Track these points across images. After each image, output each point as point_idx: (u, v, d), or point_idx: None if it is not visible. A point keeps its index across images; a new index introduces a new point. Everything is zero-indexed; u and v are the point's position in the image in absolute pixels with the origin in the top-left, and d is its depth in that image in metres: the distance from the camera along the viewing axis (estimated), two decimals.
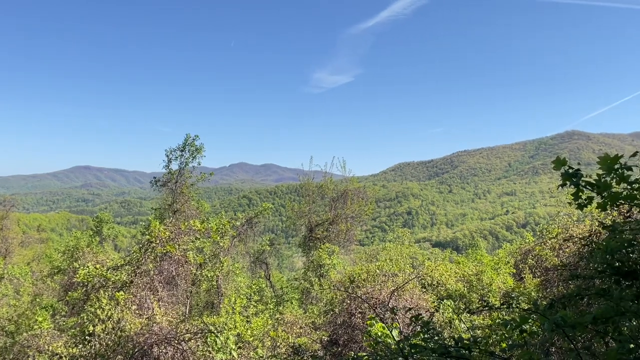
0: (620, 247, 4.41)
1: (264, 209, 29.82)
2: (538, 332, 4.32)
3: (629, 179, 4.44)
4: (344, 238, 34.24)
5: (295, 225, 36.50)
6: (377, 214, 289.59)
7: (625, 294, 4.14)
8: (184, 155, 28.08)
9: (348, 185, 35.68)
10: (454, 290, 20.15)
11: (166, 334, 13.36)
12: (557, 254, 15.57)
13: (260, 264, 33.57)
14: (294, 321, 17.11)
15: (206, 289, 24.99)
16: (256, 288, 27.28)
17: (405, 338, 4.35)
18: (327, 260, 27.49)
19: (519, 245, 27.39)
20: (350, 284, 17.53)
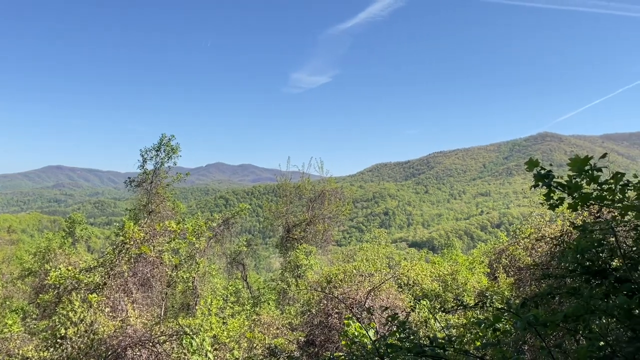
0: (590, 247, 4.51)
1: (241, 210, 29.63)
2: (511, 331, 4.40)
3: (598, 179, 4.54)
4: (321, 238, 34.28)
5: (273, 226, 36.41)
6: (354, 215, 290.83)
7: (594, 292, 4.24)
8: (159, 155, 27.73)
9: (325, 185, 35.74)
10: (430, 290, 20.36)
11: (140, 336, 13.15)
12: (529, 254, 15.88)
13: (237, 264, 33.36)
14: (271, 322, 17.05)
15: (182, 291, 24.73)
16: (233, 289, 27.10)
17: (382, 338, 4.37)
18: (305, 261, 27.47)
19: (493, 245, 27.82)
20: (327, 285, 17.55)
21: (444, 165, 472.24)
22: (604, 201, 4.61)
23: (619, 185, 4.57)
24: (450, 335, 13.15)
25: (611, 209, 4.86)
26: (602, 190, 4.58)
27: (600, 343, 4.02)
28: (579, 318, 4.03)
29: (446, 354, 4.06)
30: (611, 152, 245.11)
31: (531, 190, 5.05)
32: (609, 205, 4.69)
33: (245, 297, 29.50)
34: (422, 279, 21.09)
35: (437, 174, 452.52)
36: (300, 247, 29.00)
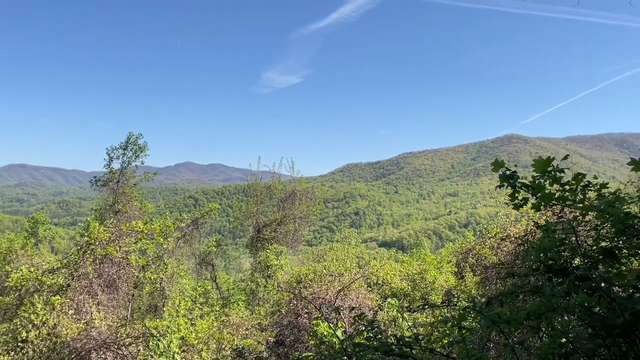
0: (552, 246, 4.62)
1: (211, 210, 29.32)
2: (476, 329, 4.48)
3: (561, 180, 4.65)
4: (291, 238, 34.25)
5: (243, 226, 36.19)
6: (325, 215, 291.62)
7: (556, 290, 4.35)
8: (126, 154, 27.23)
9: (296, 185, 35.73)
10: (399, 289, 20.58)
11: (105, 338, 12.88)
12: (495, 253, 16.23)
13: (206, 265, 33.02)
14: (240, 323, 16.93)
15: (149, 292, 24.35)
16: (202, 290, 26.82)
17: (349, 337, 4.39)
18: (275, 261, 27.39)
19: (461, 244, 28.30)
20: (297, 285, 17.53)
21: (413, 166, 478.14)
22: (566, 201, 4.72)
23: (580, 186, 4.70)
24: (418, 333, 13.32)
25: (573, 209, 5.00)
26: (564, 191, 4.70)
27: (562, 340, 4.13)
28: (541, 316, 4.12)
29: (413, 352, 4.10)
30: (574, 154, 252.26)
31: (497, 190, 5.15)
32: (570, 206, 4.82)
33: (215, 298, 29.23)
34: (391, 279, 21.29)
35: (407, 175, 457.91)
36: (271, 247, 28.90)
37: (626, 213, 4.34)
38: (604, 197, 4.75)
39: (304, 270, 18.71)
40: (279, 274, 25.42)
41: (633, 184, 5.16)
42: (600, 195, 4.78)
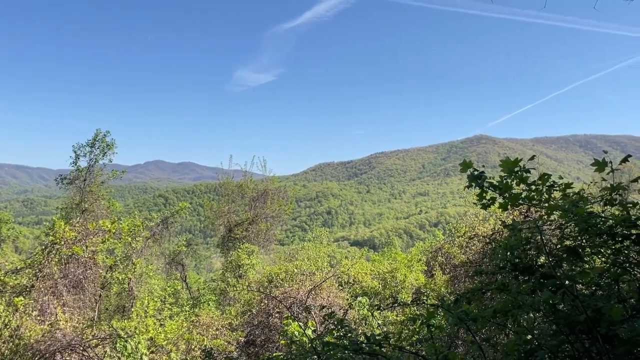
0: (519, 245, 4.71)
1: (181, 209, 28.91)
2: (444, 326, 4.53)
3: (527, 180, 4.75)
4: (263, 238, 34.08)
5: (214, 225, 35.84)
6: (297, 214, 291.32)
7: (522, 288, 4.44)
8: (93, 151, 26.61)
9: (268, 184, 35.58)
10: (370, 288, 20.71)
11: (70, 340, 12.56)
12: (464, 252, 16.50)
13: (176, 265, 32.57)
14: (210, 323, 16.75)
15: (117, 292, 23.93)
16: (171, 290, 26.46)
17: (318, 336, 4.39)
18: (246, 261, 27.22)
19: (431, 243, 28.69)
20: (269, 284, 17.46)
21: (385, 166, 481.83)
22: (532, 201, 4.83)
23: (545, 186, 4.81)
24: (388, 331, 13.43)
25: (538, 209, 5.11)
26: (531, 191, 4.80)
27: (527, 337, 4.22)
28: (507, 313, 4.20)
29: (382, 350, 4.12)
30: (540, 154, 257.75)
31: (465, 190, 5.22)
32: (536, 205, 4.93)
33: (185, 298, 28.90)
34: (362, 277, 21.42)
35: (379, 174, 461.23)
36: (242, 247, 28.71)
37: (589, 213, 4.45)
38: (568, 197, 4.87)
39: (275, 270, 18.65)
40: (251, 274, 25.28)
41: (596, 185, 5.31)
42: (565, 195, 4.89)
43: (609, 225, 4.37)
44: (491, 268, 5.40)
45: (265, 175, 36.28)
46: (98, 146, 26.60)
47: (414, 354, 4.14)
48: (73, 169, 26.91)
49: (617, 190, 4.64)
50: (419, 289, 19.31)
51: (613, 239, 4.43)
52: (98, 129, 26.55)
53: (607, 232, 4.37)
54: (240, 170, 35.16)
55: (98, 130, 26.57)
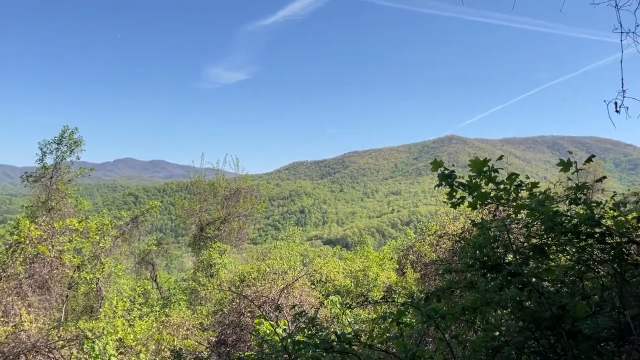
0: (487, 243, 4.79)
1: (151, 207, 28.48)
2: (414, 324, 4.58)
3: (495, 180, 4.83)
4: (236, 237, 33.91)
5: (185, 224, 35.49)
6: (270, 213, 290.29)
7: (490, 286, 4.52)
8: (60, 148, 25.98)
9: (241, 183, 35.40)
10: (342, 286, 20.80)
11: (35, 342, 12.24)
12: (434, 250, 16.74)
13: (146, 264, 32.11)
14: (181, 323, 16.57)
15: (85, 293, 23.49)
16: (141, 290, 26.11)
17: (289, 335, 4.38)
18: (218, 260, 27.03)
19: (402, 242, 28.98)
20: (241, 283, 17.35)
21: (358, 165, 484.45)
22: (500, 200, 4.91)
23: (513, 186, 4.90)
24: (360, 329, 13.49)
25: (506, 208, 5.20)
26: (499, 190, 4.89)
27: (495, 333, 4.29)
28: (476, 310, 4.27)
29: (353, 348, 4.14)
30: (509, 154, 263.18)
31: (435, 189, 5.28)
32: (504, 204, 5.02)
33: (155, 298, 28.55)
34: (335, 276, 21.49)
35: (352, 173, 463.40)
36: (214, 246, 28.50)
37: (555, 211, 4.55)
38: (535, 196, 4.97)
39: (247, 269, 18.55)
40: (222, 273, 25.10)
41: (562, 184, 5.43)
42: (532, 195, 4.99)
43: (573, 224, 4.47)
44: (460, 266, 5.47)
45: (237, 173, 36.11)
46: (65, 143, 25.99)
47: (384, 351, 4.16)
48: (39, 166, 26.26)
49: (582, 190, 4.77)
50: (391, 287, 19.48)
51: (577, 237, 4.53)
52: (65, 126, 25.94)
53: (572, 231, 4.47)
54: (212, 168, 34.93)
55: (65, 127, 25.95)
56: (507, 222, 5.12)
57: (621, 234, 4.37)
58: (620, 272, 4.38)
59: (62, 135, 25.86)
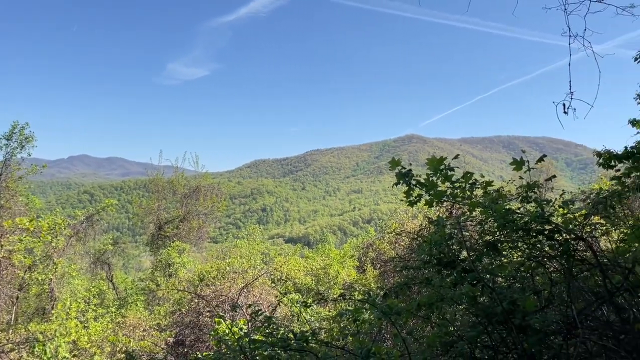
0: (442, 240, 4.89)
1: (107, 205, 27.73)
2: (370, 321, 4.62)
3: (451, 178, 4.93)
4: (195, 235, 33.44)
5: (143, 223, 34.75)
6: (231, 211, 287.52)
7: (445, 282, 4.61)
8: (10, 144, 24.86)
9: (201, 181, 34.94)
10: (303, 284, 20.82)
11: None
12: (393, 247, 16.98)
13: (102, 264, 31.23)
14: (137, 324, 16.20)
15: (36, 294, 22.68)
16: (96, 291, 25.38)
17: (245, 334, 4.34)
18: (177, 259, 26.57)
19: (363, 239, 29.25)
20: (200, 283, 17.12)
21: (320, 163, 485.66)
22: (455, 198, 5.02)
23: (468, 184, 5.01)
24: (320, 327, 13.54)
25: (461, 206, 5.32)
26: (454, 189, 4.99)
27: (450, 328, 4.38)
28: (432, 306, 4.34)
29: (310, 346, 4.14)
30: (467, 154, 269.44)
31: (393, 187, 5.34)
32: (459, 202, 5.13)
33: (111, 299, 27.85)
34: (295, 274, 21.49)
35: (314, 172, 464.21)
36: (173, 245, 28.00)
37: (507, 209, 4.68)
38: (489, 194, 5.10)
39: (207, 268, 18.32)
40: (181, 272, 24.70)
41: (515, 183, 5.61)
42: (486, 193, 5.13)
43: (524, 222, 4.60)
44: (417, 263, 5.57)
45: (197, 171, 35.62)
46: (16, 139, 24.87)
47: (340, 349, 4.18)
48: None
49: (533, 188, 4.93)
50: (351, 284, 19.63)
51: (528, 234, 4.68)
52: (15, 121, 24.83)
53: (523, 228, 4.61)
54: (172, 166, 34.30)
55: (15, 122, 24.85)
56: (462, 219, 5.24)
57: (569, 231, 4.54)
58: (568, 268, 4.55)
59: (12, 130, 24.74)
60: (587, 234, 5.13)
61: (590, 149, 7.72)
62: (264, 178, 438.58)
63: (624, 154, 7.44)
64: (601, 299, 4.14)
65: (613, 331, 4.09)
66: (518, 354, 3.85)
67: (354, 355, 4.01)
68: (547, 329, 3.89)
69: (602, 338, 4.17)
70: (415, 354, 4.06)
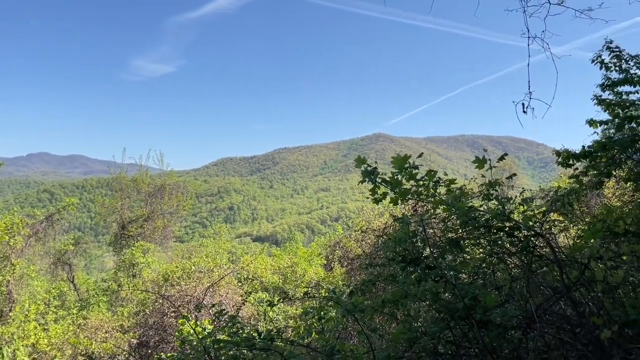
0: (406, 238, 4.95)
1: (68, 204, 26.95)
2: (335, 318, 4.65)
3: (416, 176, 4.99)
4: (160, 235, 32.89)
5: (106, 223, 33.93)
6: (197, 210, 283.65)
7: (409, 279, 4.66)
8: None
9: (166, 179, 34.38)
10: (270, 283, 20.73)
11: None
12: (360, 245, 17.11)
13: (63, 265, 30.35)
14: (100, 325, 15.82)
15: None
16: (57, 292, 24.69)
17: (208, 334, 4.28)
18: (141, 259, 26.07)
19: (330, 237, 29.35)
20: (165, 283, 16.83)
21: (288, 161, 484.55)
22: (420, 196, 5.09)
23: (432, 182, 5.09)
24: (288, 325, 13.51)
25: (425, 203, 5.39)
26: (419, 186, 5.06)
27: (414, 324, 4.44)
28: (396, 303, 4.39)
29: (275, 345, 4.12)
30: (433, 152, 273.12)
31: (359, 185, 5.37)
32: (423, 200, 5.20)
33: (72, 300, 27.15)
34: (262, 273, 21.39)
35: (282, 170, 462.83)
36: (137, 245, 27.46)
37: (470, 207, 4.77)
38: (452, 192, 5.19)
39: (172, 268, 18.03)
40: (146, 273, 24.26)
41: (476, 181, 5.73)
42: (449, 191, 5.21)
43: (486, 219, 4.70)
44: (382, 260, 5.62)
45: (162, 169, 35.03)
46: None
47: (305, 346, 4.18)
48: None
49: (494, 186, 5.04)
50: (318, 282, 19.66)
51: (490, 231, 4.78)
52: None
53: (485, 225, 4.71)
54: (135, 164, 33.61)
55: None
56: (426, 217, 5.31)
57: (528, 228, 4.66)
58: (528, 264, 4.67)
59: None
60: (546, 231, 5.29)
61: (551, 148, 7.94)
62: (231, 176, 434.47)
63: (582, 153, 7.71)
64: (559, 294, 4.27)
65: (570, 325, 4.21)
66: (479, 348, 3.93)
67: (319, 353, 4.02)
68: (507, 324, 3.99)
69: (560, 332, 4.30)
70: (380, 351, 4.10)
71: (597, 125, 8.13)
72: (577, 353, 3.71)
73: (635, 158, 7.97)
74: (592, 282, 3.80)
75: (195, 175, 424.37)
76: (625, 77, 7.79)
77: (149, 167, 34.03)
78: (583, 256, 4.48)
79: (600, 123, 8.14)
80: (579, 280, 3.91)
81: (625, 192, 11.11)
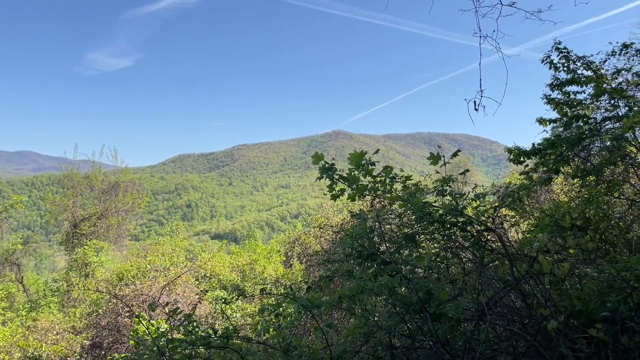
0: (363, 233, 4.99)
1: (16, 202, 25.92)
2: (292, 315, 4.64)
3: (372, 173, 5.04)
4: (115, 233, 32.08)
5: (57, 221, 32.75)
6: (154, 207, 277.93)
7: (366, 274, 4.71)
8: None
9: (121, 176, 33.51)
10: (228, 281, 20.54)
11: None
12: (318, 241, 17.18)
13: (11, 265, 29.19)
14: (50, 327, 15.27)
15: None
16: (4, 294, 23.71)
17: (162, 334, 4.20)
18: (94, 258, 25.30)
19: (289, 234, 29.32)
20: (119, 282, 16.40)
21: (247, 158, 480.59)
22: (376, 192, 5.14)
23: (388, 178, 5.15)
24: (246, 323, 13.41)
25: (382, 199, 5.45)
26: (375, 182, 5.11)
27: (370, 319, 4.48)
28: (353, 298, 4.42)
29: (232, 342, 4.08)
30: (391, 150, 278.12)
31: (317, 182, 5.38)
32: (380, 196, 5.26)
33: (21, 302, 26.13)
34: (221, 271, 21.16)
35: (241, 167, 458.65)
36: (89, 243, 26.63)
37: (425, 202, 4.85)
38: (408, 188, 5.27)
39: (126, 267, 17.59)
40: (99, 272, 23.56)
41: (431, 177, 5.83)
42: (405, 187, 5.29)
43: (440, 214, 4.80)
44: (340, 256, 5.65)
45: (116, 166, 34.11)
46: None
47: (261, 343, 4.16)
48: None
49: (448, 182, 5.15)
50: (277, 279, 19.62)
51: (444, 226, 4.88)
52: None
53: (439, 220, 4.80)
54: (88, 160, 32.59)
55: None
56: (382, 213, 5.37)
57: (480, 223, 4.78)
58: (480, 258, 4.80)
59: None
60: (497, 226, 5.45)
61: (504, 146, 8.20)
62: (189, 173, 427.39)
63: (532, 151, 7.99)
64: (509, 287, 4.40)
65: (519, 316, 4.35)
66: (433, 341, 4.01)
67: (276, 350, 4.01)
68: (459, 316, 4.08)
69: (510, 323, 4.44)
70: (337, 346, 4.12)
71: (547, 123, 8.45)
72: (526, 343, 3.83)
73: (581, 155, 8.32)
74: (540, 275, 3.94)
75: (151, 172, 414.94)
76: (572, 77, 8.12)
77: (102, 164, 33.10)
78: (532, 250, 4.64)
79: (549, 121, 8.46)
80: (527, 273, 4.04)
81: (572, 189, 11.58)
